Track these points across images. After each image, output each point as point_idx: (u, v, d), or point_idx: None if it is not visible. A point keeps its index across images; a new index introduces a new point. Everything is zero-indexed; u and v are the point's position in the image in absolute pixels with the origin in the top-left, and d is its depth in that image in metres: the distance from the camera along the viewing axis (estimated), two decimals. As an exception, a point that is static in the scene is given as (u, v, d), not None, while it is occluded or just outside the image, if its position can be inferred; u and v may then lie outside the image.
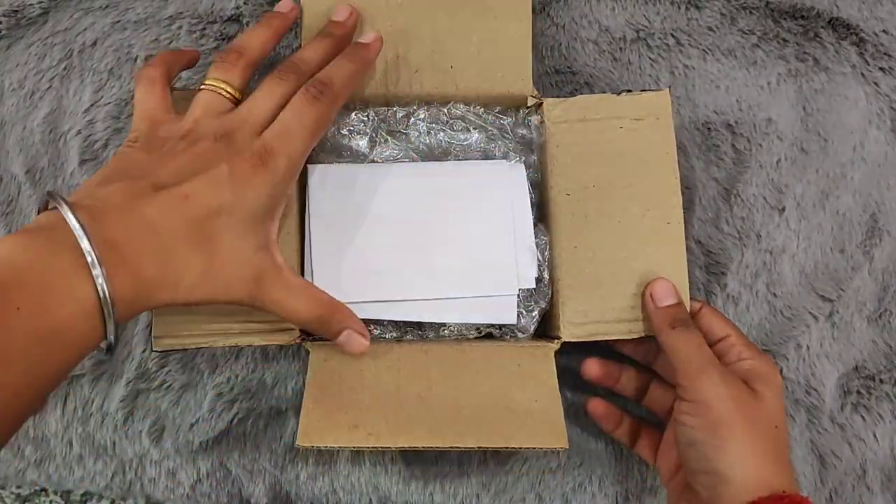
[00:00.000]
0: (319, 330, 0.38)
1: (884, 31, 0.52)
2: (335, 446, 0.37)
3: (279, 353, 0.49)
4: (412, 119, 0.44)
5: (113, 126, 0.50)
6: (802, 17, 0.52)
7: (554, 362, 0.41)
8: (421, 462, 0.48)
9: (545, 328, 0.45)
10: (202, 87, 0.36)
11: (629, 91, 0.43)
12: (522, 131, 0.45)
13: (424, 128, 0.44)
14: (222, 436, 0.48)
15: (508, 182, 0.43)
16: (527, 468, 0.48)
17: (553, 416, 0.39)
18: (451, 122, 0.45)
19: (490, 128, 0.45)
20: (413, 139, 0.45)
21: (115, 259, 0.28)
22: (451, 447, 0.37)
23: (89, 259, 0.27)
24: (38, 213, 0.30)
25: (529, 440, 0.37)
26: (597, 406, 0.45)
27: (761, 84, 0.51)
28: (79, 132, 0.50)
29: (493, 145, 0.45)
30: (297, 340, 0.41)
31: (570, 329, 0.42)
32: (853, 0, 0.52)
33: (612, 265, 0.42)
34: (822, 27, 0.52)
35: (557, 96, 0.44)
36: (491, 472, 0.48)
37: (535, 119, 0.44)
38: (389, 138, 0.44)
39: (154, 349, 0.42)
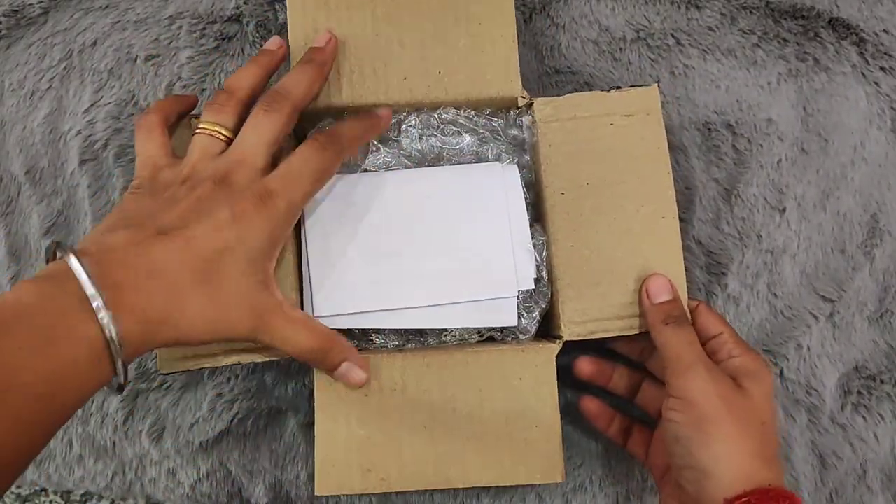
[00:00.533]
0: (319, 362, 0.38)
1: (884, 31, 0.52)
2: (352, 493, 0.39)
3: (279, 353, 0.49)
4: (403, 126, 0.44)
5: (113, 126, 0.50)
6: (802, 17, 0.52)
7: (555, 372, 0.41)
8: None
9: (546, 328, 0.45)
10: (197, 130, 0.37)
11: (618, 88, 0.44)
12: (514, 132, 0.45)
13: (416, 134, 0.44)
14: (222, 436, 0.48)
15: (502, 184, 0.43)
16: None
17: (550, 446, 0.40)
18: (442, 126, 0.45)
19: (481, 130, 0.45)
20: (405, 146, 0.44)
21: (120, 301, 0.29)
22: (450, 488, 0.40)
23: (94, 303, 0.28)
24: (47, 262, 0.31)
25: (528, 476, 0.39)
26: (589, 404, 0.45)
27: (761, 84, 0.51)
28: (79, 132, 0.50)
29: (486, 147, 0.45)
30: None
31: (571, 328, 0.42)
32: (853, 0, 0.52)
33: (610, 262, 0.42)
34: (822, 27, 0.52)
35: (558, 96, 0.44)
36: (491, 473, 0.48)
37: (526, 119, 0.45)
38: (381, 146, 0.44)
39: (160, 372, 0.42)
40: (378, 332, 0.43)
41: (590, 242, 0.42)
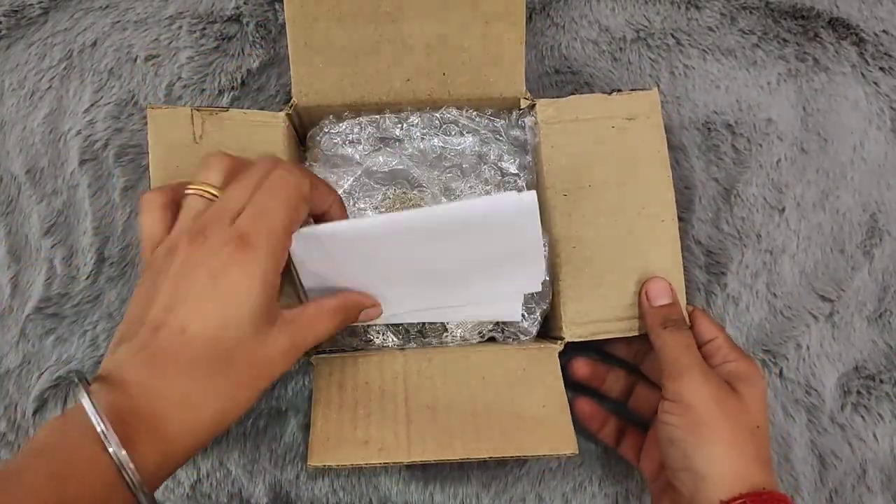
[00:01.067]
0: (344, 326, 0.37)
1: (884, 31, 0.52)
2: (347, 464, 0.37)
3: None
4: (405, 125, 0.44)
5: (113, 126, 0.50)
6: (802, 17, 0.52)
7: (559, 364, 0.41)
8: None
9: (547, 329, 0.45)
10: (186, 191, 0.34)
11: (619, 90, 0.44)
12: (516, 133, 0.45)
13: (418, 133, 0.44)
14: (222, 436, 0.48)
15: (519, 224, 0.35)
16: (527, 468, 0.48)
17: (561, 422, 0.39)
18: (444, 126, 0.44)
19: (483, 131, 0.45)
20: (407, 145, 0.44)
21: (139, 428, 0.28)
22: (462, 459, 0.36)
23: (103, 438, 0.27)
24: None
25: (539, 447, 0.37)
26: (583, 406, 0.46)
27: (761, 84, 0.51)
28: (79, 132, 0.50)
29: (487, 148, 0.45)
30: (301, 358, 0.40)
31: (573, 329, 0.42)
32: (853, 0, 0.52)
33: (611, 264, 0.42)
34: (822, 27, 0.52)
35: (558, 96, 0.44)
36: (491, 473, 0.47)
37: (528, 120, 0.44)
38: (382, 145, 0.44)
39: None
40: (378, 331, 0.43)
41: (591, 244, 0.42)
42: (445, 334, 0.44)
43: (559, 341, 0.42)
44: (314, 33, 0.42)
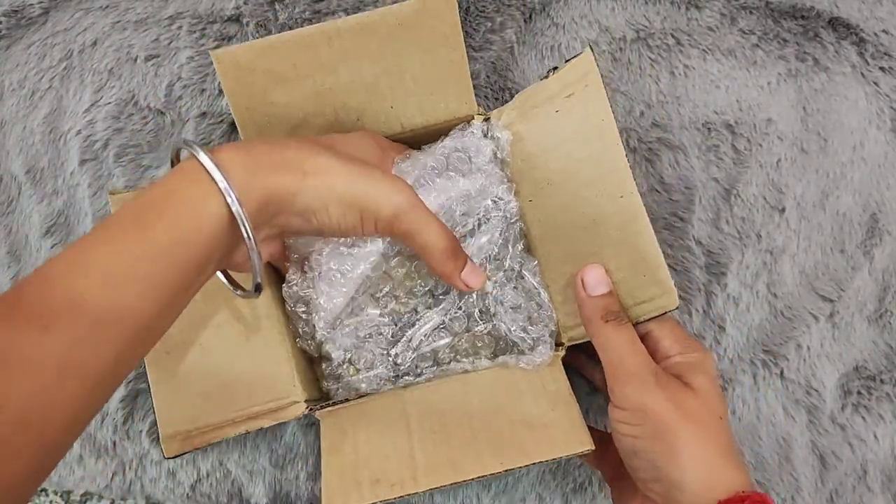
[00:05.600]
0: (450, 259, 0.37)
1: (884, 31, 0.52)
2: None
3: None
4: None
5: (113, 126, 0.50)
6: (802, 17, 0.52)
7: (563, 369, 0.40)
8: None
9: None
10: None
11: (555, 68, 0.40)
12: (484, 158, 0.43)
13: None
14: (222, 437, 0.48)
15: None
16: (526, 469, 0.47)
17: (573, 421, 0.37)
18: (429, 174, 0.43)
19: (462, 166, 0.43)
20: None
21: (230, 153, 0.31)
22: (477, 477, 0.35)
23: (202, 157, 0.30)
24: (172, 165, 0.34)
25: (553, 451, 0.35)
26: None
27: (761, 84, 0.51)
28: (79, 132, 0.50)
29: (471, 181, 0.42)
30: (305, 411, 0.40)
31: (568, 332, 0.41)
32: (853, 0, 0.52)
33: (584, 259, 0.39)
34: (822, 27, 0.52)
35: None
36: (491, 473, 0.47)
37: (503, 135, 0.42)
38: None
39: (165, 457, 0.41)
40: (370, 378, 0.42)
41: (563, 243, 0.40)
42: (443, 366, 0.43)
43: (560, 347, 0.41)
44: (255, 101, 0.41)
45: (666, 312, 0.37)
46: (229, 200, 0.30)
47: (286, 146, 0.33)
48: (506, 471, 0.35)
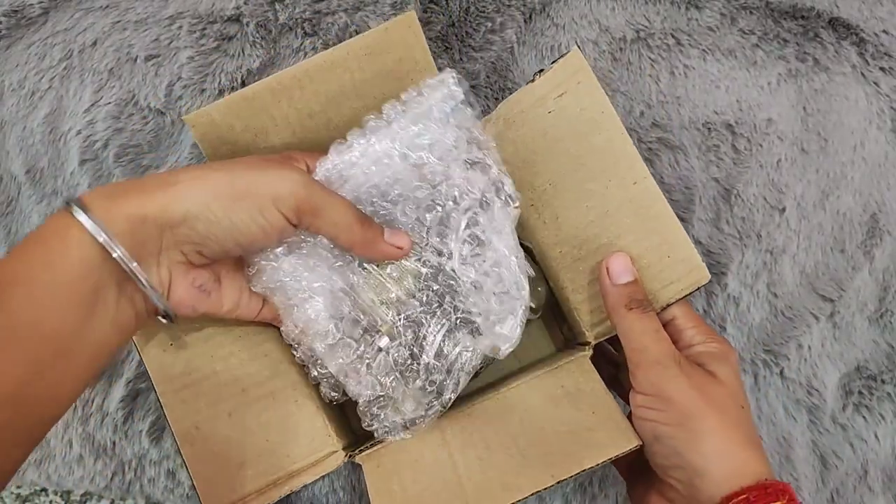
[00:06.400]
0: (364, 231, 0.35)
1: (884, 31, 0.52)
2: None
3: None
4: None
5: (113, 126, 0.50)
6: (802, 17, 0.52)
7: (593, 367, 0.40)
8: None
9: (569, 337, 0.45)
10: None
11: (541, 71, 0.40)
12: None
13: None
14: (222, 436, 0.48)
15: None
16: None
17: (615, 420, 0.36)
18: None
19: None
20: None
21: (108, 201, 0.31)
22: (531, 494, 0.34)
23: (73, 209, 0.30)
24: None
25: (602, 454, 0.35)
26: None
27: (761, 84, 0.51)
28: (79, 132, 0.50)
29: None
30: (345, 459, 0.40)
31: (593, 330, 0.41)
32: (853, 0, 0.52)
33: (600, 252, 0.39)
34: (822, 27, 0.52)
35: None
36: (491, 473, 0.47)
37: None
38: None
39: None
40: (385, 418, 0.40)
41: (575, 241, 0.40)
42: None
43: (586, 347, 0.41)
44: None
45: (698, 288, 0.38)
46: (88, 226, 0.29)
47: (158, 173, 0.33)
48: (557, 483, 0.34)
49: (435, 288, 0.39)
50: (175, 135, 0.51)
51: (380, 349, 0.38)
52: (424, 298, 0.38)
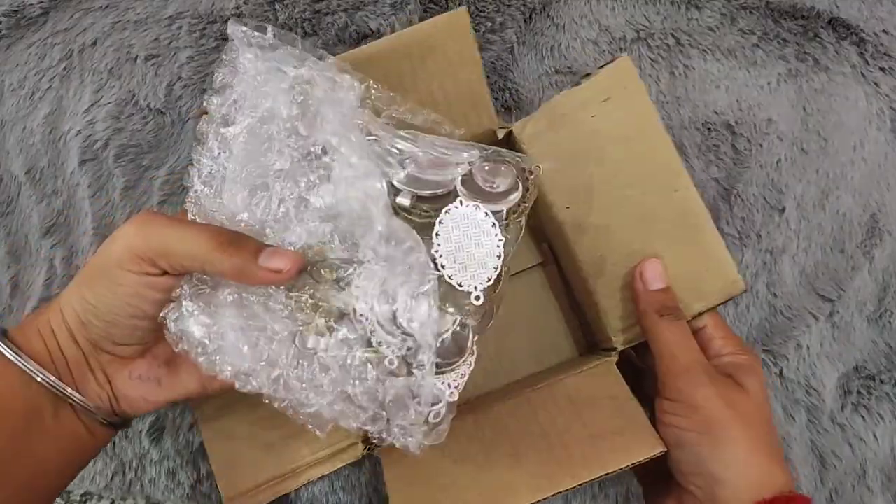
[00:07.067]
0: (229, 256, 0.30)
1: (884, 31, 0.52)
2: None
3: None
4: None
5: (113, 126, 0.50)
6: (802, 17, 0.52)
7: (619, 372, 0.39)
8: (421, 462, 0.47)
9: (593, 342, 0.45)
10: None
11: (588, 75, 0.41)
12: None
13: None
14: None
15: None
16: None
17: (640, 424, 0.36)
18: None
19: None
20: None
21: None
22: (553, 494, 0.35)
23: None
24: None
25: (626, 458, 0.35)
26: None
27: (761, 84, 0.51)
28: (79, 132, 0.50)
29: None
30: (365, 452, 0.40)
31: (621, 336, 0.40)
32: (853, 0, 0.52)
33: (634, 258, 0.39)
34: (822, 27, 0.52)
35: (555, 96, 0.44)
36: (491, 473, 0.47)
37: (525, 148, 0.41)
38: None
39: None
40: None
41: (608, 245, 0.40)
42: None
43: (612, 353, 0.41)
44: None
45: (732, 298, 0.38)
46: (10, 357, 0.31)
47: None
48: (580, 485, 0.35)
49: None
50: (175, 135, 0.51)
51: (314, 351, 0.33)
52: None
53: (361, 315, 0.32)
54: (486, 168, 0.35)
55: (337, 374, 0.32)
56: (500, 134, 0.43)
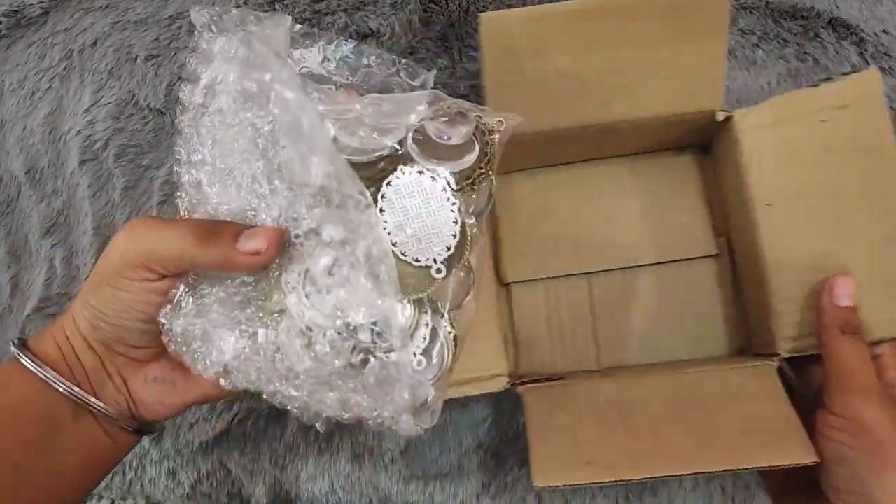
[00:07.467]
0: (212, 247, 0.30)
1: (884, 31, 0.52)
2: (575, 484, 0.35)
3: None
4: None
5: (113, 126, 0.50)
6: (802, 17, 0.52)
7: (778, 377, 0.39)
8: (421, 462, 0.47)
9: (748, 345, 0.44)
10: None
11: (829, 79, 0.40)
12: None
13: None
14: (222, 436, 0.48)
15: None
16: (526, 469, 0.47)
17: (795, 429, 0.36)
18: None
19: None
20: None
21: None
22: (696, 473, 0.35)
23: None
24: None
25: (778, 457, 0.34)
26: None
27: (761, 84, 0.51)
28: (79, 132, 0.50)
29: None
30: (507, 385, 0.40)
31: (788, 343, 0.39)
32: (853, 0, 0.52)
33: (825, 271, 0.38)
34: (822, 27, 0.52)
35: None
36: (491, 473, 0.47)
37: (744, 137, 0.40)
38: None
39: None
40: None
41: (802, 252, 0.39)
42: None
43: (774, 358, 0.40)
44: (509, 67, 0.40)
45: None
46: (29, 366, 0.31)
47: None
48: (724, 470, 0.34)
49: None
50: (175, 135, 0.51)
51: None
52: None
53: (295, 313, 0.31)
54: (443, 119, 0.32)
55: (308, 365, 0.31)
56: (720, 117, 0.42)
